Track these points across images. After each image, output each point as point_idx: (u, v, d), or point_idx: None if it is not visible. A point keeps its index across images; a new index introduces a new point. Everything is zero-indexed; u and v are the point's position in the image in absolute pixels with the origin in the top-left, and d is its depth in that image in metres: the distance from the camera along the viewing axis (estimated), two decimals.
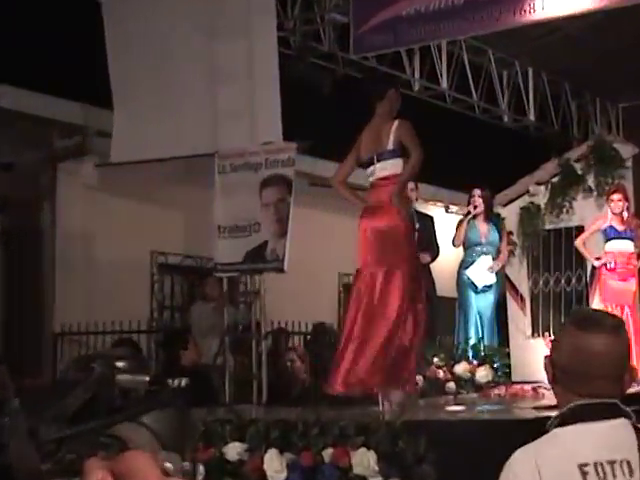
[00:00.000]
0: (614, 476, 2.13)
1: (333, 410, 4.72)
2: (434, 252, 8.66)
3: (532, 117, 11.04)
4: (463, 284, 8.75)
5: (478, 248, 8.78)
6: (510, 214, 11.83)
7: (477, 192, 8.88)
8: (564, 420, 2.23)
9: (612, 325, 2.27)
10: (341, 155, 11.15)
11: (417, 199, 8.96)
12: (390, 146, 5.78)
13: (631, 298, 9.55)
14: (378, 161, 5.82)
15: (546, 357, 2.32)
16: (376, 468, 4.26)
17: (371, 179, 5.88)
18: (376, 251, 5.71)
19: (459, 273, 8.80)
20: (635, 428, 2.22)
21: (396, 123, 5.84)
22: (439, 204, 11.79)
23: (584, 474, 2.14)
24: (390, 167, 5.81)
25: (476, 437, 4.49)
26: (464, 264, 8.82)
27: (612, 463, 2.15)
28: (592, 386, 2.22)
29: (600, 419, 2.21)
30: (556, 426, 2.24)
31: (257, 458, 4.55)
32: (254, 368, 7.81)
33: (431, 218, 8.93)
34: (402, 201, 5.90)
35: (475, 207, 8.87)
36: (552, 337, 11.12)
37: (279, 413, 5.38)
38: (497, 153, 11.65)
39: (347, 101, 10.75)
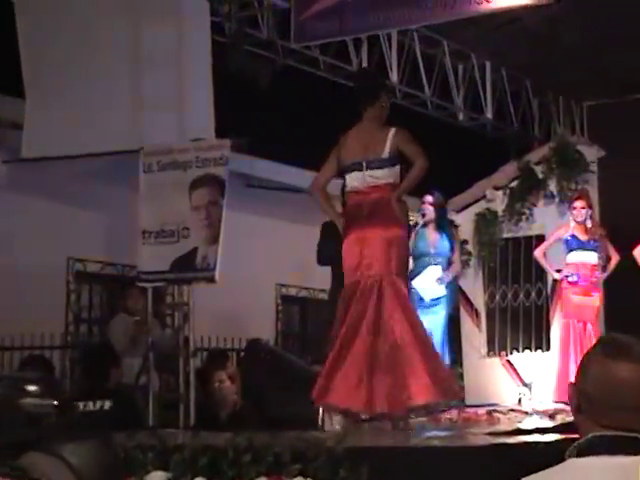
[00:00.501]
0: None
1: (267, 435, 4.70)
2: None
3: (490, 115, 11.12)
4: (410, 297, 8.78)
5: (426, 259, 8.85)
6: (465, 221, 11.94)
7: (428, 199, 8.94)
8: (581, 451, 2.27)
9: None
10: (281, 154, 11.25)
11: None
12: (385, 154, 5.94)
13: (594, 314, 9.68)
14: (368, 168, 5.97)
15: (571, 384, 2.38)
16: None
17: (357, 185, 6.02)
18: (373, 258, 5.96)
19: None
20: None
21: (393, 130, 5.98)
22: None
23: None
24: (383, 176, 5.97)
25: (423, 465, 4.51)
26: (411, 276, 8.87)
27: None
28: (616, 418, 2.26)
29: (620, 453, 2.24)
30: (573, 457, 2.28)
31: None
32: (181, 388, 7.77)
33: None
34: (402, 208, 6.09)
35: (424, 215, 8.93)
36: (508, 357, 11.27)
37: (207, 438, 5.36)
38: (451, 154, 11.74)
39: (287, 95, 10.78)
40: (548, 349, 10.17)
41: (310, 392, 6.16)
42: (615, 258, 9.74)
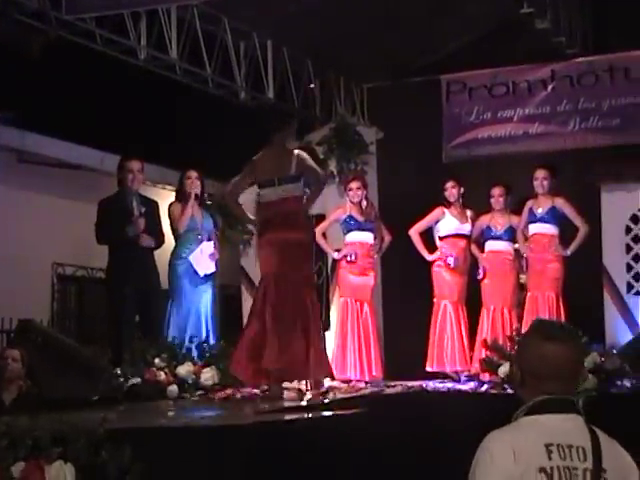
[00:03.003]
0: (571, 458, 2.87)
1: (26, 418, 4.61)
2: (158, 239, 8.72)
3: (271, 95, 11.18)
4: (178, 274, 8.78)
5: (197, 235, 8.88)
6: (247, 200, 11.99)
7: (193, 174, 8.93)
8: (530, 412, 2.96)
9: (570, 336, 3.05)
10: (56, 129, 10.96)
11: (143, 182, 8.91)
12: (292, 172, 7.44)
13: (369, 294, 9.96)
14: (279, 184, 7.44)
15: (512, 364, 2.88)
16: None
17: (271, 198, 7.46)
18: (285, 259, 7.32)
19: (172, 263, 8.80)
20: (586, 422, 2.96)
21: (296, 153, 7.53)
22: (168, 187, 11.76)
23: (549, 452, 2.86)
24: (291, 189, 7.45)
25: (187, 445, 4.55)
26: (180, 252, 8.87)
27: (570, 447, 2.88)
28: (553, 385, 2.96)
29: (560, 412, 2.95)
30: (523, 416, 2.96)
31: None
32: None
33: (156, 203, 8.91)
34: (308, 218, 7.90)
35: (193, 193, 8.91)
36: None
37: None
38: (233, 133, 11.65)
39: (62, 68, 10.51)
40: (328, 328, 10.42)
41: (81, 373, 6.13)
42: (387, 238, 10.04)
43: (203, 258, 8.78)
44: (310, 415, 5.59)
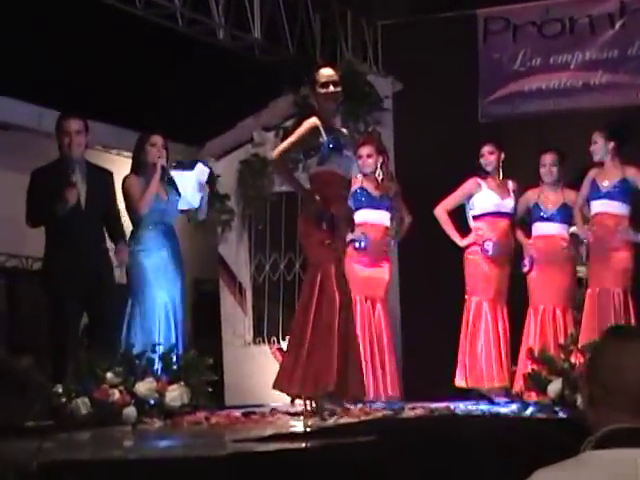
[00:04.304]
0: None
1: None
2: (119, 223, 8.81)
3: (257, 34, 11.10)
4: (138, 266, 8.79)
5: (159, 215, 8.85)
6: (226, 170, 12.04)
7: (159, 140, 8.88)
8: (599, 444, 2.73)
9: None
10: None
11: (87, 146, 8.87)
12: None
13: (383, 290, 10.01)
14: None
15: (581, 377, 2.83)
16: None
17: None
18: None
19: (131, 251, 8.79)
20: None
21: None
22: (125, 153, 11.68)
23: None
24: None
25: None
26: (141, 238, 8.85)
27: None
28: (634, 406, 2.74)
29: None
30: (589, 450, 2.73)
31: None
32: None
33: (109, 174, 8.90)
34: None
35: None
36: (280, 345, 11.42)
37: None
38: (208, 82, 11.68)
39: None
40: None
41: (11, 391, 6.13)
42: (408, 219, 10.10)
43: (189, 183, 8.82)
44: (307, 444, 5.59)
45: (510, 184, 10.11)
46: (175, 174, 8.89)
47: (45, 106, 11.23)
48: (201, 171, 9.00)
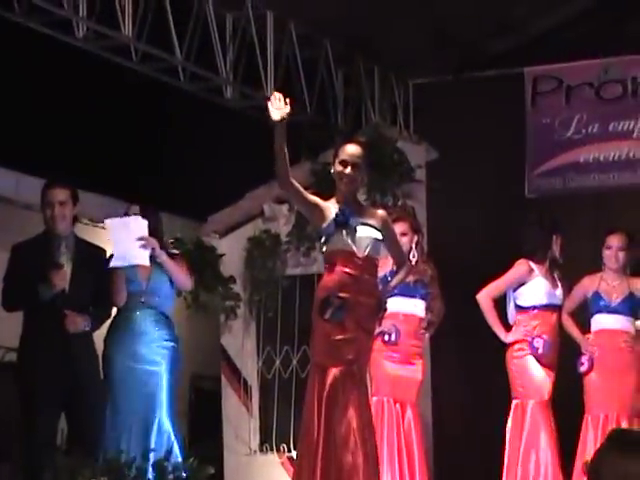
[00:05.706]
0: None
1: None
2: (102, 310, 8.73)
3: (270, 92, 10.92)
4: (115, 361, 8.75)
5: (139, 300, 8.81)
6: (232, 249, 11.90)
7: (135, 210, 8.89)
8: None
9: None
10: None
11: (75, 219, 8.78)
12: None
13: (415, 392, 9.91)
14: None
15: None
16: None
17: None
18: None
19: (106, 343, 8.80)
20: None
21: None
22: None
23: None
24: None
25: None
26: (117, 327, 8.82)
27: None
28: None
29: None
30: None
31: None
32: None
33: (101, 251, 8.83)
34: None
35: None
36: (291, 453, 11.09)
37: None
38: (213, 147, 11.71)
39: None
40: None
41: None
42: (441, 309, 9.92)
43: (127, 238, 8.58)
44: None
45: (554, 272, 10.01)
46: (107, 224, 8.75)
47: (23, 172, 11.27)
48: (137, 224, 8.71)
